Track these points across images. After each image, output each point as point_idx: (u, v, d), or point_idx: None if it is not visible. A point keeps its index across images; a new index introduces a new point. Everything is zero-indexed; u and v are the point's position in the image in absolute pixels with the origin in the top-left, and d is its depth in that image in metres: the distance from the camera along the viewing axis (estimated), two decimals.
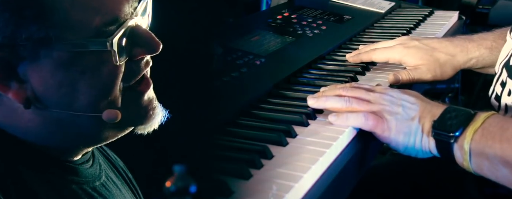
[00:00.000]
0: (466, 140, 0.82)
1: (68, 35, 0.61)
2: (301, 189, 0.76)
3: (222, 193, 0.73)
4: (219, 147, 0.86)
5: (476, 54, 1.16)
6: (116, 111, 0.66)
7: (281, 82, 1.14)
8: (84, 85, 0.64)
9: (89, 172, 0.73)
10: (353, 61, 1.24)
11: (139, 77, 0.69)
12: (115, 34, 0.63)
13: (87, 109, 0.65)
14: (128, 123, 0.70)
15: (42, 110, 0.64)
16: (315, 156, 0.82)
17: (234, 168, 0.77)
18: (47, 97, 0.64)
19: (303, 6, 1.68)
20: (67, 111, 0.64)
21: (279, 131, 0.90)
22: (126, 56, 0.66)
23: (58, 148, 0.69)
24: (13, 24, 0.60)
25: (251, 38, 1.33)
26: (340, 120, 0.91)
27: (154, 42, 0.67)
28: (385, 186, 1.25)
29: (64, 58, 0.62)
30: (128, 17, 0.65)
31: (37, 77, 0.63)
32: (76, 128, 0.67)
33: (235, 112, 0.98)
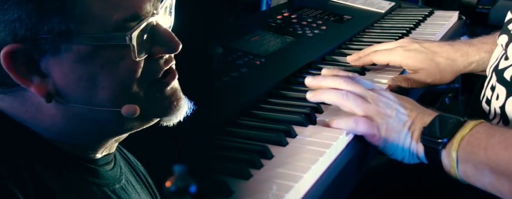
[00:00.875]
0: (453, 146, 0.83)
1: (88, 29, 0.62)
2: (301, 189, 0.76)
3: (222, 193, 0.73)
4: (219, 147, 0.86)
5: (476, 58, 1.16)
6: (135, 106, 0.66)
7: (281, 82, 1.14)
8: (103, 79, 0.64)
9: (110, 174, 0.74)
10: (356, 65, 1.23)
11: (159, 75, 0.69)
12: (135, 30, 0.64)
13: (107, 103, 0.66)
14: (152, 114, 0.70)
15: (63, 104, 0.65)
16: (315, 156, 0.82)
17: (234, 168, 0.77)
18: (68, 92, 0.65)
19: (303, 6, 1.68)
20: (87, 105, 0.65)
21: (279, 131, 0.90)
22: (146, 53, 0.66)
23: (80, 145, 0.69)
24: (35, 17, 0.61)
25: (251, 38, 1.33)
26: (332, 123, 0.92)
27: (174, 41, 0.68)
28: (385, 186, 1.25)
29: (84, 52, 0.63)
30: (149, 15, 0.66)
31: (58, 72, 0.64)
32: (97, 122, 0.67)
33: (235, 112, 0.98)
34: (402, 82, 1.13)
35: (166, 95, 0.70)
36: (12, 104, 0.66)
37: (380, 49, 1.21)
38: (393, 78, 1.14)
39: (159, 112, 0.70)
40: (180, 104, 0.72)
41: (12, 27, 0.61)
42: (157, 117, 0.71)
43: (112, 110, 0.66)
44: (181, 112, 0.72)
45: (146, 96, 0.68)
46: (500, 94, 0.98)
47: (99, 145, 0.72)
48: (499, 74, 1.00)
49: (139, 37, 0.65)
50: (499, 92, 0.98)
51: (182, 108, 0.72)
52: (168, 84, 0.70)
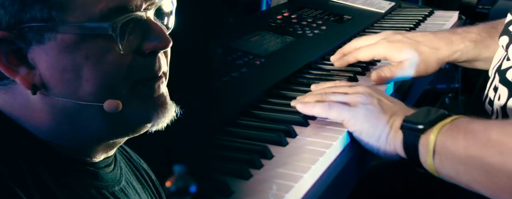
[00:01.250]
0: (433, 132, 0.81)
1: (71, 18, 0.61)
2: (301, 189, 0.76)
3: (222, 193, 0.73)
4: (219, 147, 0.86)
5: (460, 46, 1.15)
6: (117, 101, 0.64)
7: (281, 82, 1.14)
8: (88, 71, 0.63)
9: (109, 176, 0.73)
10: (340, 65, 1.22)
11: (153, 74, 0.68)
12: (119, 20, 0.62)
13: (90, 97, 0.64)
14: (137, 116, 0.68)
15: (49, 98, 0.64)
16: (315, 156, 0.82)
17: (234, 168, 0.77)
18: (53, 84, 0.64)
19: (303, 6, 1.68)
20: (71, 99, 0.64)
21: (279, 131, 0.90)
22: (133, 49, 0.65)
23: (70, 145, 0.68)
24: (18, 3, 0.60)
25: (251, 38, 1.33)
26: (306, 108, 0.93)
27: (163, 36, 0.67)
28: (385, 186, 1.25)
29: (68, 42, 0.62)
30: (138, 8, 0.65)
31: (44, 62, 0.63)
32: (82, 119, 0.66)
33: (235, 112, 0.98)
34: (386, 75, 1.12)
35: (152, 98, 0.68)
36: (4, 99, 0.66)
37: (363, 45, 1.19)
38: (376, 71, 1.13)
39: (144, 114, 0.68)
40: (166, 107, 0.70)
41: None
42: (143, 121, 0.70)
43: (95, 104, 0.64)
44: (166, 116, 0.69)
45: (131, 95, 0.66)
46: (502, 94, 0.98)
47: (92, 150, 0.71)
48: (501, 74, 0.99)
49: (124, 28, 0.63)
50: (501, 93, 0.98)
51: (168, 110, 0.70)
52: (154, 87, 0.68)
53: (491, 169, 0.76)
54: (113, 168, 0.75)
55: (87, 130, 0.67)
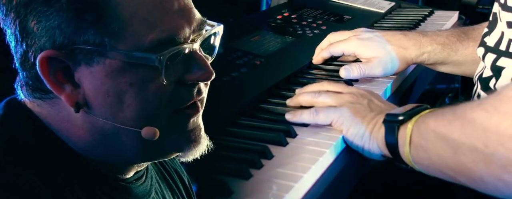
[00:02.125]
0: (410, 122, 0.82)
1: (121, 45, 0.63)
2: (301, 189, 0.76)
3: (222, 193, 0.73)
4: (219, 147, 0.86)
5: (428, 49, 1.17)
6: (155, 128, 0.66)
7: (281, 82, 1.14)
8: (130, 98, 0.64)
9: (140, 189, 0.74)
10: (317, 62, 1.25)
11: (189, 103, 0.69)
12: (167, 53, 0.64)
13: (129, 122, 0.66)
14: (170, 145, 0.69)
15: (90, 117, 0.66)
16: (315, 156, 0.83)
17: (234, 168, 0.77)
18: (95, 105, 0.65)
19: (303, 6, 1.68)
20: (110, 121, 0.65)
21: (279, 131, 0.90)
22: (176, 79, 0.66)
23: (105, 162, 0.70)
24: (74, 26, 0.62)
25: (251, 38, 1.33)
26: (294, 117, 0.94)
27: (207, 70, 0.68)
28: (384, 186, 1.25)
29: (115, 67, 0.63)
30: (186, 40, 0.66)
31: (89, 83, 0.64)
32: (117, 140, 0.67)
33: (235, 112, 0.98)
34: (354, 72, 1.15)
35: (188, 129, 0.69)
36: (49, 111, 0.67)
37: (335, 41, 1.23)
38: (344, 67, 1.16)
39: (177, 144, 0.70)
40: (200, 140, 0.71)
41: (52, 33, 0.62)
42: (174, 151, 0.71)
43: (133, 129, 0.66)
44: (199, 149, 0.70)
45: (168, 124, 0.67)
46: None
47: (123, 169, 0.72)
48: (482, 82, 1.00)
49: (171, 61, 0.64)
50: None
51: (201, 145, 0.71)
52: (191, 117, 0.70)
53: (454, 144, 0.76)
54: (144, 180, 0.75)
55: (120, 152, 0.69)
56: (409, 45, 1.17)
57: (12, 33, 0.64)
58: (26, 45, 0.63)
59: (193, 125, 0.70)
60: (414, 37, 1.18)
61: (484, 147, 0.72)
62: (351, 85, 1.16)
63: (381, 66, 1.16)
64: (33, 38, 0.63)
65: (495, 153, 0.71)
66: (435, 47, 1.18)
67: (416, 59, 1.18)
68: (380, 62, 1.15)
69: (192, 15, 0.67)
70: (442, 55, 1.18)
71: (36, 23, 0.62)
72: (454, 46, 1.18)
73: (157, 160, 0.72)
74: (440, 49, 1.17)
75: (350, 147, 0.91)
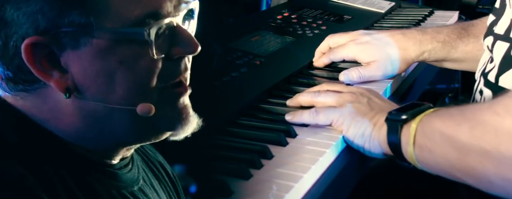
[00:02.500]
0: (414, 121, 0.82)
1: (108, 23, 0.63)
2: (301, 189, 0.76)
3: (222, 193, 0.73)
4: (219, 147, 0.86)
5: (428, 47, 1.17)
6: (150, 104, 0.66)
7: (281, 82, 1.14)
8: (121, 76, 0.64)
9: (128, 176, 0.74)
10: (318, 66, 1.25)
11: (177, 80, 0.69)
12: (154, 26, 0.64)
13: (122, 101, 0.65)
14: (162, 124, 0.70)
15: (80, 101, 0.65)
16: (315, 156, 0.83)
17: (234, 168, 0.77)
18: (86, 88, 0.65)
19: (303, 6, 1.68)
20: (103, 103, 0.65)
21: (279, 131, 0.90)
22: (164, 53, 0.66)
23: (96, 147, 0.69)
24: (57, 8, 0.61)
25: (251, 38, 1.33)
26: (294, 118, 0.94)
27: (192, 42, 0.68)
28: (384, 186, 1.25)
29: (103, 47, 0.63)
30: (169, 15, 0.67)
31: (77, 66, 0.64)
32: (111, 122, 0.67)
33: (235, 112, 0.98)
34: (353, 77, 1.15)
35: (177, 107, 0.70)
36: (35, 103, 0.66)
37: (335, 45, 1.22)
38: (344, 72, 1.15)
39: (170, 122, 0.70)
40: (189, 118, 0.71)
41: (34, 19, 0.61)
42: (167, 129, 0.71)
43: (127, 108, 0.66)
44: (189, 126, 0.71)
45: (159, 101, 0.67)
46: (487, 98, 0.98)
47: (113, 153, 0.72)
48: (485, 78, 1.00)
49: (158, 34, 0.64)
50: (486, 96, 0.99)
51: (191, 123, 0.71)
52: (179, 96, 0.70)
53: (462, 146, 0.76)
54: (131, 168, 0.75)
55: (114, 133, 0.68)
56: (409, 45, 1.16)
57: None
58: (6, 36, 0.62)
59: (183, 103, 0.70)
60: (414, 36, 1.18)
61: (494, 149, 0.72)
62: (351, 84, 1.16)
63: (381, 70, 1.15)
64: (13, 27, 0.61)
65: (506, 155, 0.71)
66: (436, 46, 1.17)
67: (417, 59, 1.18)
68: (379, 66, 1.15)
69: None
70: (442, 53, 1.17)
71: (15, 10, 0.61)
72: (454, 44, 1.17)
73: (150, 140, 0.72)
74: (441, 47, 1.17)
75: (350, 147, 0.91)
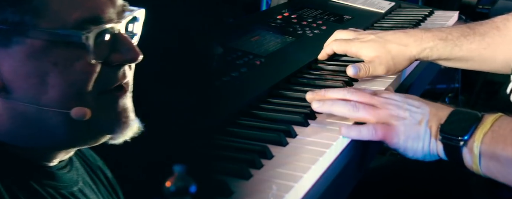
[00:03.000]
0: (475, 143, 0.82)
1: (44, 24, 0.61)
2: (301, 189, 0.76)
3: (222, 193, 0.73)
4: (219, 147, 0.86)
5: (430, 44, 1.16)
6: (86, 108, 0.64)
7: (281, 82, 1.14)
8: (54, 78, 0.62)
9: (67, 177, 0.72)
10: (321, 57, 1.26)
11: (115, 85, 0.67)
12: (92, 30, 0.62)
13: (55, 104, 0.63)
14: (100, 127, 0.68)
15: (9, 101, 0.63)
16: (315, 156, 0.82)
17: (234, 168, 0.77)
18: (16, 88, 0.63)
19: (303, 6, 1.68)
20: (34, 104, 0.63)
21: (279, 131, 0.90)
22: (102, 59, 0.65)
23: (30, 149, 0.67)
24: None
25: (251, 38, 1.33)
26: (352, 132, 0.90)
27: (133, 50, 0.67)
28: (384, 186, 1.25)
29: (37, 47, 0.61)
30: (111, 21, 0.65)
31: (8, 66, 0.62)
32: (42, 124, 0.65)
33: (235, 112, 0.98)
34: (361, 71, 1.14)
35: (116, 111, 0.68)
36: None
37: (340, 38, 1.23)
38: (352, 65, 1.14)
39: (107, 126, 0.68)
40: (128, 122, 0.69)
41: None
42: (104, 132, 0.69)
43: (61, 111, 0.63)
44: (128, 130, 0.69)
45: (96, 105, 0.66)
46: None
47: (50, 155, 0.70)
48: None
49: (97, 39, 0.63)
50: None
51: (130, 126, 0.69)
52: (118, 98, 0.68)
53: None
54: (70, 170, 0.74)
55: (47, 136, 0.66)
56: (410, 42, 1.16)
57: None
58: None
59: (122, 106, 0.68)
60: (415, 33, 1.18)
61: None
62: (352, 84, 1.16)
63: (383, 65, 1.15)
64: None
65: None
66: (437, 43, 1.16)
67: (418, 56, 1.17)
68: (381, 61, 1.15)
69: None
70: (445, 50, 1.16)
71: None
72: (457, 41, 1.16)
73: (88, 144, 0.70)
74: (442, 44, 1.16)
75: (350, 147, 0.90)
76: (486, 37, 1.16)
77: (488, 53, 1.15)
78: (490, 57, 1.09)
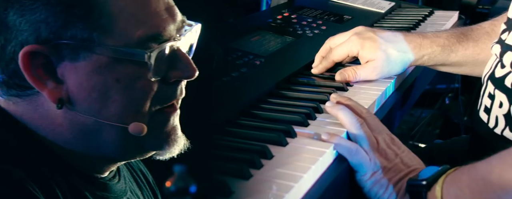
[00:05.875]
0: (438, 184, 0.82)
1: (110, 41, 0.63)
2: (301, 189, 0.76)
3: (222, 193, 0.73)
4: (219, 147, 0.86)
5: (428, 51, 1.16)
6: (143, 124, 0.66)
7: (281, 82, 1.14)
8: (116, 94, 0.64)
9: (117, 187, 0.74)
10: (319, 72, 1.20)
11: (171, 102, 0.69)
12: (156, 49, 0.64)
13: (114, 118, 0.65)
14: (150, 144, 0.70)
15: (71, 113, 0.65)
16: (315, 156, 0.82)
17: (234, 168, 0.77)
18: (79, 101, 0.65)
19: (303, 6, 1.68)
20: (95, 117, 0.65)
21: (279, 131, 0.90)
22: (161, 76, 0.66)
23: (83, 159, 0.69)
24: (61, 20, 0.61)
25: (251, 38, 1.33)
26: (333, 139, 0.88)
27: (191, 67, 0.68)
28: None
29: (102, 63, 0.63)
30: (171, 38, 0.66)
31: (73, 79, 0.64)
32: (99, 137, 0.67)
33: (235, 112, 0.98)
34: (349, 77, 1.13)
35: (167, 128, 0.70)
36: (26, 109, 0.66)
37: (335, 45, 1.19)
38: (340, 72, 1.14)
39: (157, 143, 0.70)
40: (177, 139, 0.71)
41: (37, 27, 0.61)
42: (154, 149, 0.71)
43: (118, 125, 0.65)
44: (176, 147, 0.71)
45: (149, 122, 0.67)
46: (503, 101, 0.98)
47: (100, 167, 0.72)
48: (496, 82, 1.00)
49: (158, 57, 0.65)
50: (501, 100, 0.98)
51: (178, 144, 0.71)
52: (170, 116, 0.70)
53: (496, 191, 0.75)
54: (119, 179, 0.75)
55: (101, 148, 0.68)
56: (409, 48, 1.16)
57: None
58: (4, 40, 0.62)
59: (172, 124, 0.70)
60: (415, 39, 1.17)
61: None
62: (351, 85, 1.16)
63: (377, 70, 1.14)
64: (13, 32, 0.61)
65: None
66: (435, 49, 1.17)
67: (415, 63, 1.18)
68: (376, 66, 1.14)
69: (176, 13, 0.68)
70: (442, 57, 1.17)
71: (18, 17, 0.61)
72: (454, 48, 1.17)
73: (135, 158, 0.72)
74: (440, 51, 1.17)
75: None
76: (479, 43, 1.17)
77: (481, 58, 1.16)
78: (484, 62, 1.10)
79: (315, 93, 1.09)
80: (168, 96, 0.69)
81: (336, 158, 0.87)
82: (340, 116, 0.92)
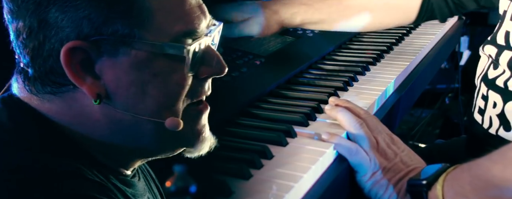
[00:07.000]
0: (438, 183, 0.82)
1: (149, 36, 0.64)
2: (301, 189, 0.76)
3: (222, 193, 0.73)
4: (219, 147, 0.86)
5: (295, 10, 1.22)
6: (179, 119, 0.67)
7: (281, 82, 1.14)
8: (153, 89, 0.65)
9: (140, 185, 0.75)
10: None
11: (200, 98, 0.70)
12: (192, 43, 0.65)
13: (150, 113, 0.66)
14: (182, 139, 0.70)
15: (108, 109, 0.66)
16: (315, 156, 0.82)
17: (234, 168, 0.77)
18: (117, 96, 0.65)
19: None
20: (131, 112, 0.66)
21: (279, 131, 0.90)
22: (195, 71, 0.67)
23: (116, 155, 0.70)
24: (104, 16, 0.62)
25: (251, 38, 1.33)
26: (334, 139, 0.89)
27: (221, 64, 0.69)
28: None
29: (140, 58, 0.64)
30: (203, 34, 0.68)
31: (111, 74, 0.64)
32: (135, 132, 0.67)
33: (235, 111, 0.98)
34: (242, 31, 1.17)
35: (199, 126, 0.71)
36: (60, 106, 0.66)
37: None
38: None
39: (189, 139, 0.71)
40: (206, 137, 0.72)
41: (79, 24, 0.61)
42: (185, 145, 0.72)
43: (155, 120, 0.66)
44: (205, 145, 0.72)
45: (183, 117, 0.68)
46: (497, 102, 0.98)
47: (130, 163, 0.73)
48: (489, 83, 1.00)
49: (194, 52, 0.66)
50: (495, 100, 0.99)
51: (208, 142, 0.72)
52: (201, 113, 0.71)
53: (498, 187, 0.75)
54: (140, 178, 0.76)
55: (136, 143, 0.69)
56: (278, 8, 1.21)
57: (25, 25, 0.62)
58: (44, 37, 0.62)
59: (203, 121, 0.71)
60: (287, 2, 1.23)
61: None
62: (351, 85, 1.16)
63: (256, 26, 1.17)
64: (54, 29, 0.62)
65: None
66: (301, 8, 1.22)
67: (289, 21, 1.21)
68: (254, 22, 1.17)
69: (206, 10, 0.69)
70: (307, 14, 1.22)
71: (60, 13, 0.61)
72: (316, 6, 1.24)
73: (168, 154, 0.73)
74: (305, 9, 1.22)
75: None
76: (342, 1, 1.25)
77: (346, 14, 1.25)
78: (348, 18, 1.22)
79: (315, 93, 1.09)
80: (198, 91, 0.70)
81: (336, 158, 0.87)
82: (339, 117, 0.93)
